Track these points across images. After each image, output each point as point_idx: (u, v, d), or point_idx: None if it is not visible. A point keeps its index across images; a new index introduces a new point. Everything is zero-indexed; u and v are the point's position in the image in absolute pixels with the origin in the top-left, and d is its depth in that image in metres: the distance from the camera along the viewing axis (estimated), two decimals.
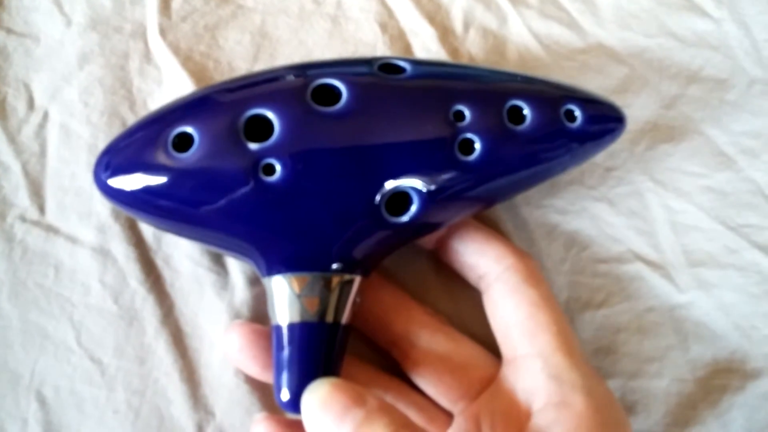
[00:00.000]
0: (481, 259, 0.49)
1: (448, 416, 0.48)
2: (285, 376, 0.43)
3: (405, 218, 0.45)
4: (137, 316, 0.50)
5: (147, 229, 0.52)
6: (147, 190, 0.44)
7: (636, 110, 0.57)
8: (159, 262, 0.51)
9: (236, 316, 0.50)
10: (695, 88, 0.58)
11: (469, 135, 0.45)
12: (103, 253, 0.51)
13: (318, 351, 0.44)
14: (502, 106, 0.46)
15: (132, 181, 0.44)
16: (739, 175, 0.56)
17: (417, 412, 0.48)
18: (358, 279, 0.45)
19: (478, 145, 0.45)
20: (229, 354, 0.48)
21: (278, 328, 0.44)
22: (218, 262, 0.52)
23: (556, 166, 0.49)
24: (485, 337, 0.50)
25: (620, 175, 0.55)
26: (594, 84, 0.56)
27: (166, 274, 0.51)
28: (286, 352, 0.44)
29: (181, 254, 0.51)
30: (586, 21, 0.60)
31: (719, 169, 0.56)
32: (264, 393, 0.49)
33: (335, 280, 0.44)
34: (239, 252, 0.46)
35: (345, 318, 0.45)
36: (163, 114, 0.46)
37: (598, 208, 0.54)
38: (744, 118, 0.57)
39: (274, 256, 0.45)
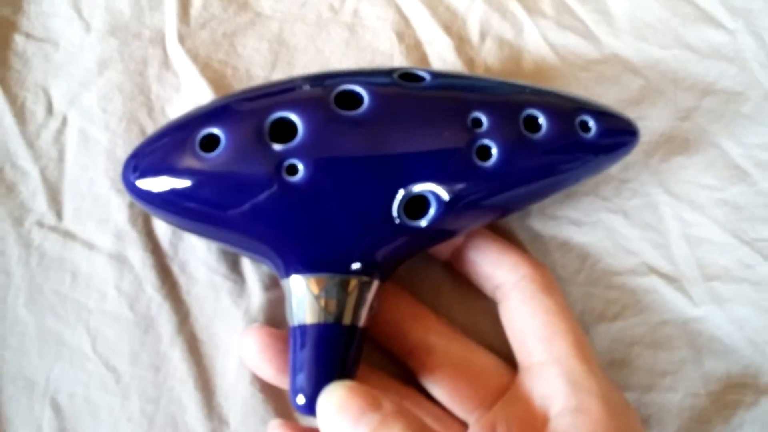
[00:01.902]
0: (497, 269, 0.49)
1: (464, 426, 0.48)
2: (301, 378, 0.44)
3: (423, 222, 0.45)
4: (153, 323, 0.50)
5: (163, 236, 0.52)
6: (175, 190, 0.45)
7: (651, 122, 0.57)
8: (175, 268, 0.51)
9: (252, 323, 0.50)
10: (710, 100, 0.58)
11: (486, 141, 0.46)
12: (119, 259, 0.51)
13: (334, 353, 0.44)
14: (518, 115, 0.47)
15: (160, 182, 0.45)
16: (753, 189, 0.56)
17: (432, 421, 0.48)
18: (376, 283, 0.46)
19: (495, 151, 0.46)
20: (245, 357, 0.48)
21: (295, 330, 0.45)
22: (235, 270, 0.52)
23: (571, 176, 0.49)
24: (500, 348, 0.50)
25: (635, 187, 0.55)
26: (610, 95, 0.56)
27: (182, 281, 0.51)
28: (302, 354, 0.44)
29: (198, 261, 0.52)
30: (601, 32, 0.60)
31: (733, 182, 0.56)
32: (279, 402, 0.49)
33: (353, 282, 0.45)
34: (259, 252, 0.47)
35: (362, 321, 0.45)
36: (190, 118, 0.47)
37: (612, 220, 0.54)
38: (759, 131, 0.57)
39: (294, 257, 0.45)
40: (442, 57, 0.58)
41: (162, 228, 0.52)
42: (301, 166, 0.44)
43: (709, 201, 0.55)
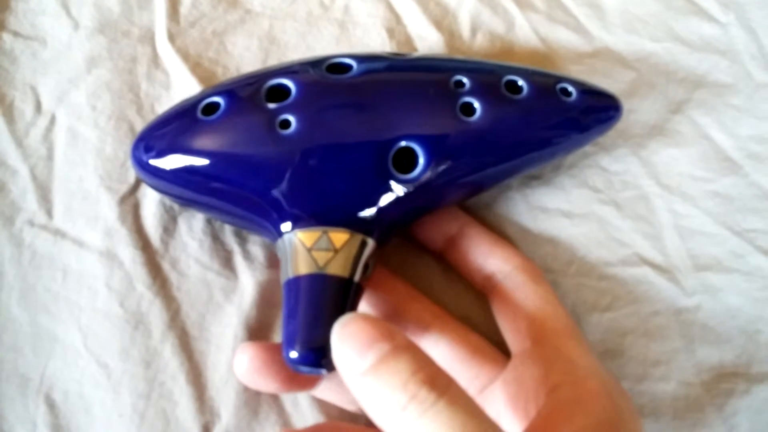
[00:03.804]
0: (488, 259, 0.49)
1: None
2: (292, 326, 0.43)
3: (413, 175, 0.46)
4: (143, 319, 0.50)
5: (154, 233, 0.52)
6: (180, 156, 0.47)
7: (643, 114, 0.57)
8: (166, 265, 0.51)
9: (245, 319, 0.50)
10: (702, 93, 0.58)
11: (469, 99, 0.48)
12: (109, 256, 0.51)
13: (327, 301, 0.44)
14: (499, 79, 0.49)
15: (166, 152, 0.47)
16: (744, 180, 0.56)
17: None
18: (370, 242, 0.46)
19: (477, 106, 0.48)
20: (241, 377, 0.47)
21: (289, 282, 0.45)
22: (227, 266, 0.52)
23: (554, 142, 0.50)
24: (490, 339, 0.50)
25: (626, 179, 0.55)
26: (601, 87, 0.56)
27: (173, 277, 0.51)
28: (295, 304, 0.44)
29: (189, 258, 0.52)
30: (592, 25, 0.60)
31: (725, 174, 0.56)
32: (272, 395, 0.49)
33: (346, 236, 0.45)
34: (256, 211, 0.47)
35: (356, 276, 0.45)
36: (191, 99, 0.49)
37: (604, 211, 0.54)
38: (750, 123, 0.57)
39: (287, 211, 0.46)
40: (433, 52, 0.58)
41: (152, 225, 0.52)
42: (293, 120, 0.46)
43: (701, 192, 0.55)
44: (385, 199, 0.46)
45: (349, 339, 0.38)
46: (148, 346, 0.49)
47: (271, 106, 0.46)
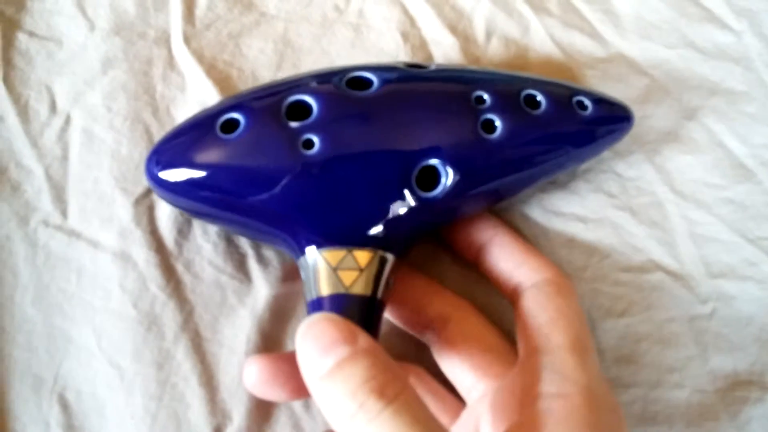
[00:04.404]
0: (519, 268, 0.49)
1: (462, 406, 0.48)
2: None
3: (435, 193, 0.46)
4: (156, 321, 0.50)
5: (168, 235, 0.52)
6: (199, 173, 0.46)
7: (657, 120, 0.57)
8: (180, 267, 0.51)
9: (258, 322, 0.50)
10: (715, 100, 0.58)
11: (490, 115, 0.48)
12: (123, 257, 0.51)
13: (352, 321, 0.43)
14: (518, 94, 0.50)
15: (184, 168, 0.46)
16: (759, 188, 0.55)
17: (433, 398, 0.49)
18: (392, 258, 0.46)
19: (498, 124, 0.48)
20: (252, 389, 0.46)
21: (313, 302, 0.45)
22: (241, 269, 0.52)
23: (571, 152, 0.51)
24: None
25: (641, 185, 0.55)
26: (615, 93, 0.55)
27: (187, 279, 0.51)
28: None
29: (203, 260, 0.52)
30: (607, 31, 0.60)
31: (739, 182, 0.56)
32: None
33: (369, 255, 0.45)
34: (276, 228, 0.47)
35: (379, 294, 0.45)
36: (208, 112, 0.49)
37: (619, 217, 0.54)
38: (763, 131, 0.57)
39: (311, 231, 0.46)
40: (448, 57, 0.58)
41: (167, 227, 0.52)
42: (316, 140, 0.45)
43: (715, 200, 0.55)
44: (408, 217, 0.46)
45: (312, 340, 0.39)
46: (161, 348, 0.49)
47: (294, 125, 0.46)
